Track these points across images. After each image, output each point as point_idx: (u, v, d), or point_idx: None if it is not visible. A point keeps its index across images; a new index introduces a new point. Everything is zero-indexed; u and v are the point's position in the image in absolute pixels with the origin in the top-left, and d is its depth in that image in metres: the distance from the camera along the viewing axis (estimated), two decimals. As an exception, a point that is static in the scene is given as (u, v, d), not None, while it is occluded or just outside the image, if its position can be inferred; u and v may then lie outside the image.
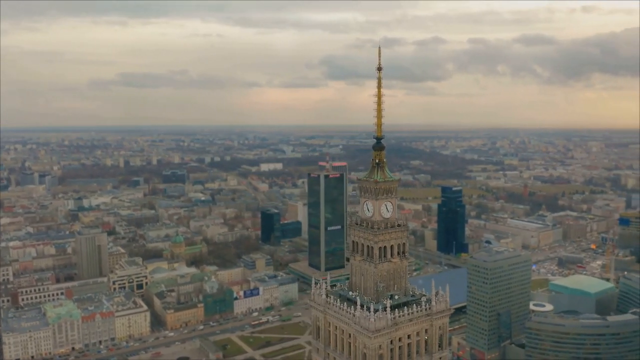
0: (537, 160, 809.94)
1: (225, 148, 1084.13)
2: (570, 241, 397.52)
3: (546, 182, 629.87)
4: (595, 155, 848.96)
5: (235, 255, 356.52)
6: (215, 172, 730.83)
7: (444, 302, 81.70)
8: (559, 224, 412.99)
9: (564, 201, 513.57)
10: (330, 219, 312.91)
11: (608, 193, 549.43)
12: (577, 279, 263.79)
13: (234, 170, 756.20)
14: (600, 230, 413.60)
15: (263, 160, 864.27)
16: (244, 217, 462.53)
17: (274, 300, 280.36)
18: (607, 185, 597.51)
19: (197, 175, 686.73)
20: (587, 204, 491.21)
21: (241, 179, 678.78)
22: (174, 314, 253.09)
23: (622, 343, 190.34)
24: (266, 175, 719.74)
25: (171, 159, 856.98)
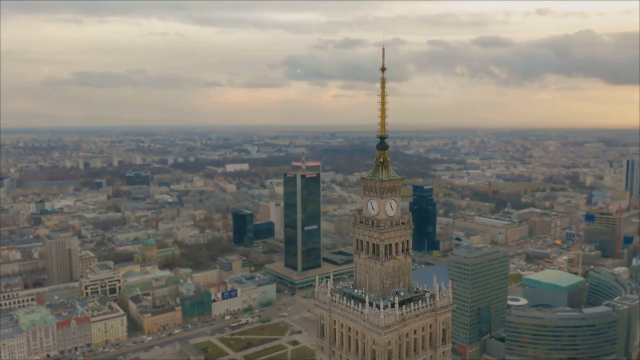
0: (497, 159, 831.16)
1: (188, 149, 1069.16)
2: (536, 237, 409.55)
3: (508, 180, 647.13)
4: (553, 154, 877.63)
5: (208, 257, 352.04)
6: (179, 173, 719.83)
7: (447, 298, 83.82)
8: (525, 220, 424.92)
9: (527, 198, 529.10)
10: (307, 219, 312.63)
11: (568, 190, 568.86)
12: (549, 274, 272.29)
13: (199, 171, 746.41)
14: (564, 226, 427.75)
15: (228, 160, 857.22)
16: (214, 219, 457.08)
17: (252, 302, 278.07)
18: (566, 183, 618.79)
19: (162, 177, 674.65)
20: (550, 201, 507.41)
21: (207, 180, 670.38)
22: (151, 318, 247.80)
23: (597, 334, 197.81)
24: (232, 175, 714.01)
25: (133, 161, 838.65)
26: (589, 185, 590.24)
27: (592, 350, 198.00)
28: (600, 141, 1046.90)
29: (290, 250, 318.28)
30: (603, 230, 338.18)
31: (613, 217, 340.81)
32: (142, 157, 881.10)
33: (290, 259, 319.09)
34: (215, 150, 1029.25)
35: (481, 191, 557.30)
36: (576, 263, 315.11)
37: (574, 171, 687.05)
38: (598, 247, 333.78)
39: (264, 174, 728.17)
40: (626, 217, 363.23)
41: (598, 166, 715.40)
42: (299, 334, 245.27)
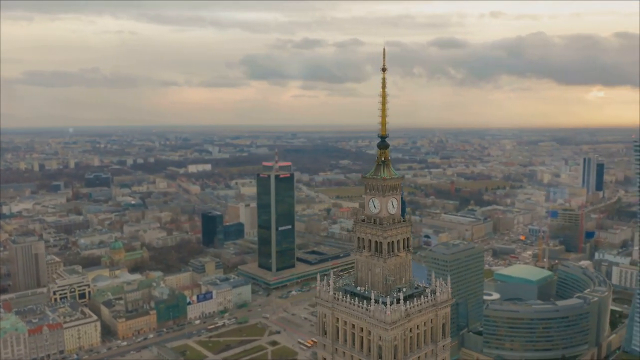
0: (457, 158, 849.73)
1: (147, 149, 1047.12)
2: (500, 233, 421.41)
3: (469, 178, 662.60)
4: (509, 153, 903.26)
5: (178, 259, 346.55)
6: (140, 174, 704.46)
7: (446, 293, 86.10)
8: (489, 217, 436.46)
9: (489, 196, 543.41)
10: (280, 219, 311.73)
11: (527, 187, 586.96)
12: (519, 269, 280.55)
13: (160, 172, 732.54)
14: (526, 222, 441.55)
15: (189, 161, 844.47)
16: (180, 221, 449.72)
17: (228, 303, 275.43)
18: (524, 181, 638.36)
19: (122, 178, 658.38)
20: (510, 198, 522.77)
21: (170, 181, 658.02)
22: (126, 323, 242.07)
23: (570, 326, 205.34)
24: (195, 176, 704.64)
25: (90, 162, 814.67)
26: (546, 182, 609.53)
27: (565, 341, 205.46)
28: (554, 140, 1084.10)
29: (264, 251, 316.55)
30: (566, 225, 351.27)
31: (575, 213, 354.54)
32: (99, 158, 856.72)
33: (264, 260, 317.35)
34: (175, 151, 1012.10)
35: (444, 189, 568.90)
36: (541, 258, 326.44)
37: (531, 169, 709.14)
38: (562, 242, 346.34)
39: (228, 174, 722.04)
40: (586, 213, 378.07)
41: (553, 164, 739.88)
42: (278, 334, 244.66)
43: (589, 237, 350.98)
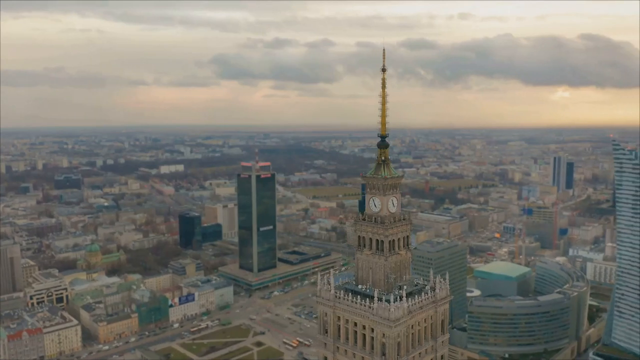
0: (429, 158, 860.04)
1: (116, 150, 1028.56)
2: (475, 231, 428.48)
3: (442, 177, 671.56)
4: (480, 152, 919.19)
5: (156, 262, 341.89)
6: (111, 175, 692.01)
7: (445, 289, 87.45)
8: (464, 215, 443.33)
9: (463, 195, 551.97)
10: (262, 219, 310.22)
11: (498, 186, 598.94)
12: (499, 265, 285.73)
13: (131, 173, 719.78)
14: (500, 220, 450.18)
15: (161, 162, 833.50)
16: (156, 222, 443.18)
17: (210, 305, 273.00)
18: (496, 179, 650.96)
19: (93, 180, 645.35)
20: (484, 197, 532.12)
21: (142, 183, 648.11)
22: (107, 326, 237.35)
23: (551, 320, 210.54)
24: (168, 177, 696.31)
25: (58, 163, 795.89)
26: (517, 181, 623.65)
27: (546, 335, 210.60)
28: (522, 140, 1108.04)
29: (245, 252, 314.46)
30: (541, 223, 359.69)
31: (550, 211, 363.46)
32: (67, 159, 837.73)
33: (245, 261, 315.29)
34: (146, 152, 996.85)
35: (419, 188, 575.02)
36: (518, 254, 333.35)
37: (502, 168, 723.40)
38: (537, 239, 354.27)
39: (202, 175, 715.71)
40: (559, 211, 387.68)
41: (523, 163, 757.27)
42: (263, 335, 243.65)
43: (563, 234, 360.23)
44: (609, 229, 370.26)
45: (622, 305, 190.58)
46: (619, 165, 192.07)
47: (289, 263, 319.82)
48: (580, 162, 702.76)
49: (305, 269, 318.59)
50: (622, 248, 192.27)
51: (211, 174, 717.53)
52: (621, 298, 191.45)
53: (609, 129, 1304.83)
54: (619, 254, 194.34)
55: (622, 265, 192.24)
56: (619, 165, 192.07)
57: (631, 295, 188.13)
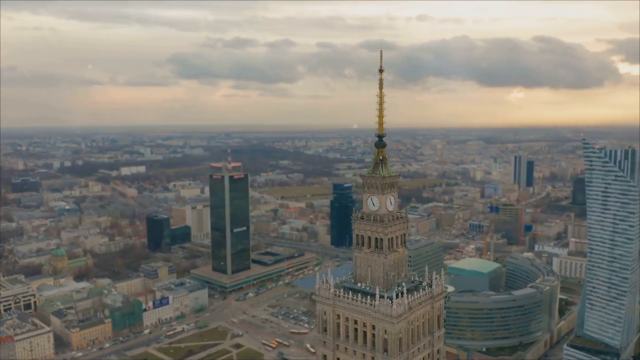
0: (392, 158, 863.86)
1: (73, 151, 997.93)
2: (442, 229, 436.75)
3: (406, 177, 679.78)
4: (441, 152, 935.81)
5: (125, 265, 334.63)
6: (70, 178, 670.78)
7: (441, 285, 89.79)
8: (431, 214, 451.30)
9: (427, 193, 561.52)
10: (235, 221, 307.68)
11: (461, 185, 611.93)
12: (470, 262, 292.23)
13: (91, 175, 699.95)
14: (466, 218, 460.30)
15: (121, 163, 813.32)
16: (121, 225, 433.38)
17: (185, 309, 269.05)
18: (458, 178, 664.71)
19: (51, 182, 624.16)
20: (448, 195, 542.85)
21: (104, 185, 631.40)
22: (80, 332, 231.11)
23: (525, 314, 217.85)
24: (130, 179, 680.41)
25: (14, 166, 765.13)
26: (479, 179, 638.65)
27: (521, 329, 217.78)
28: (480, 139, 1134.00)
29: (218, 254, 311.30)
30: (507, 220, 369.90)
31: (515, 208, 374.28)
32: (23, 161, 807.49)
33: (218, 263, 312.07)
34: (104, 153, 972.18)
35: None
36: (486, 251, 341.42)
37: (463, 167, 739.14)
38: (504, 235, 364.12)
39: (164, 176, 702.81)
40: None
41: (483, 162, 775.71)
42: (241, 337, 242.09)
43: (528, 230, 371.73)
44: (571, 225, 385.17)
45: (593, 297, 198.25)
46: (589, 163, 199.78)
47: (263, 264, 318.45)
48: (538, 160, 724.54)
49: (279, 270, 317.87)
50: (592, 243, 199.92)
51: (174, 175, 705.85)
52: (592, 291, 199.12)
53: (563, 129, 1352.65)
54: (589, 248, 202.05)
55: (592, 259, 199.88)
56: (589, 164, 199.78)
57: (601, 288, 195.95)
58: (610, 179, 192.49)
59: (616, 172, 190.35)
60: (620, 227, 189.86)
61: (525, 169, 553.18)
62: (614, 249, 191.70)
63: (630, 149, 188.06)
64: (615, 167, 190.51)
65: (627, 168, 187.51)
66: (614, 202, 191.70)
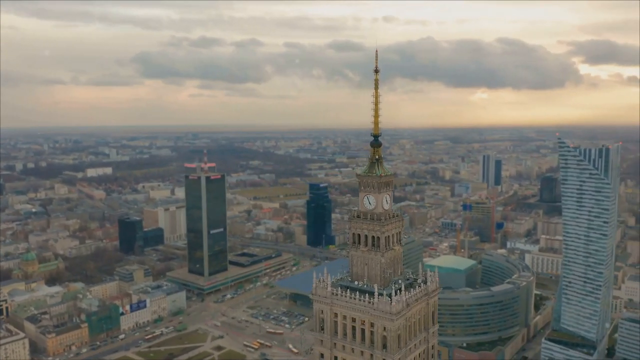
0: (363, 158, 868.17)
1: (35, 153, 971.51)
2: (415, 227, 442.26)
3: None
4: (409, 152, 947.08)
5: (97, 269, 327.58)
6: (34, 180, 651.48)
7: (435, 282, 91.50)
8: (405, 212, 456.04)
9: (399, 192, 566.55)
10: (212, 222, 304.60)
11: (431, 184, 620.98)
12: (447, 259, 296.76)
13: (56, 177, 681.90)
14: (437, 216, 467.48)
15: (86, 165, 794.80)
16: (91, 228, 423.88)
17: (162, 312, 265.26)
18: (428, 177, 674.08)
19: (14, 185, 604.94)
20: (419, 194, 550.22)
21: (70, 187, 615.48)
22: (56, 338, 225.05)
23: (504, 309, 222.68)
24: (96, 181, 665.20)
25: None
26: (448, 178, 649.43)
27: (499, 324, 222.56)
28: (447, 139, 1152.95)
29: (195, 255, 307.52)
30: (479, 217, 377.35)
31: (487, 206, 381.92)
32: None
33: (194, 265, 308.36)
34: (68, 154, 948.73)
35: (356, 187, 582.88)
36: (460, 248, 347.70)
37: (432, 167, 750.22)
38: (476, 233, 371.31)
39: (132, 177, 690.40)
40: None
41: (451, 161, 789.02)
42: (222, 339, 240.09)
43: (499, 227, 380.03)
44: (540, 222, 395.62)
45: (569, 292, 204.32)
46: (564, 161, 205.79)
47: (240, 265, 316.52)
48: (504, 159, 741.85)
49: (257, 271, 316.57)
50: (567, 239, 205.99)
51: (142, 177, 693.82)
52: (568, 286, 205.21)
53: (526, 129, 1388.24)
54: (565, 244, 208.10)
55: (568, 255, 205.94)
56: (564, 162, 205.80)
57: (577, 283, 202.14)
58: (585, 176, 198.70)
59: (591, 170, 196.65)
60: (594, 224, 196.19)
61: (494, 168, 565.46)
62: (588, 244, 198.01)
63: (604, 148, 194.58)
64: (589, 165, 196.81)
65: (601, 166, 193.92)
66: (588, 200, 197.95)
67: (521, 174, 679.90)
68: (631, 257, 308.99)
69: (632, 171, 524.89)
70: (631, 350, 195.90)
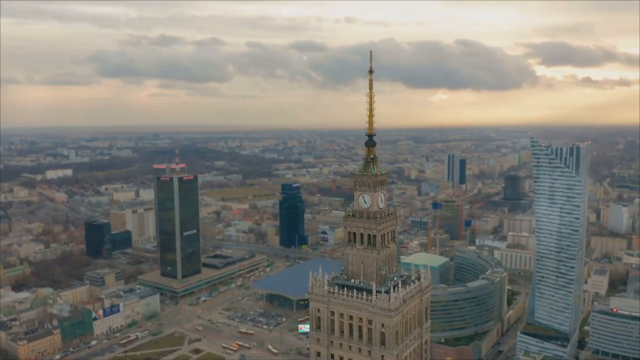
0: (329, 158, 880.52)
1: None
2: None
3: (345, 176, 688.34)
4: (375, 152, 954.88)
5: (64, 273, 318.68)
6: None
7: (428, 279, 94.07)
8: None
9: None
10: (185, 224, 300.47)
11: (397, 183, 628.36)
12: (421, 256, 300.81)
13: (13, 179, 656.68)
14: (406, 215, 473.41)
15: (45, 167, 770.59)
16: (55, 231, 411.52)
17: (136, 316, 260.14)
18: (394, 177, 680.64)
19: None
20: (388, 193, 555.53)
21: (30, 190, 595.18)
22: (27, 345, 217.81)
23: (479, 305, 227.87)
24: (57, 183, 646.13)
25: None
26: (414, 178, 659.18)
27: (475, 319, 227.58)
28: (410, 139, 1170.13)
29: (168, 258, 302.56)
30: (449, 215, 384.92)
31: (456, 204, 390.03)
32: None
33: (167, 267, 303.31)
34: (24, 156, 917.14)
35: (326, 187, 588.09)
36: (431, 246, 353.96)
37: (398, 166, 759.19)
38: (446, 230, 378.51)
39: (94, 179, 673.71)
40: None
41: (416, 161, 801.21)
42: (199, 342, 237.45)
43: (468, 225, 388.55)
44: (506, 219, 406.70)
45: (543, 287, 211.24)
46: (537, 160, 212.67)
47: (214, 267, 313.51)
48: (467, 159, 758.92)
49: (230, 272, 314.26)
50: (540, 235, 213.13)
51: (104, 179, 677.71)
52: (541, 280, 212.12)
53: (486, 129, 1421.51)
54: (538, 240, 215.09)
55: (540, 250, 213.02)
56: (537, 160, 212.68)
57: (550, 278, 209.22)
58: (556, 174, 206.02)
59: (562, 169, 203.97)
60: (566, 220, 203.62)
61: (458, 167, 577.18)
62: (560, 240, 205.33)
63: (575, 147, 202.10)
64: (561, 163, 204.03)
65: (572, 164, 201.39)
66: (560, 196, 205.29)
67: (484, 172, 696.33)
68: (595, 252, 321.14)
69: (591, 169, 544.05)
70: (603, 341, 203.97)
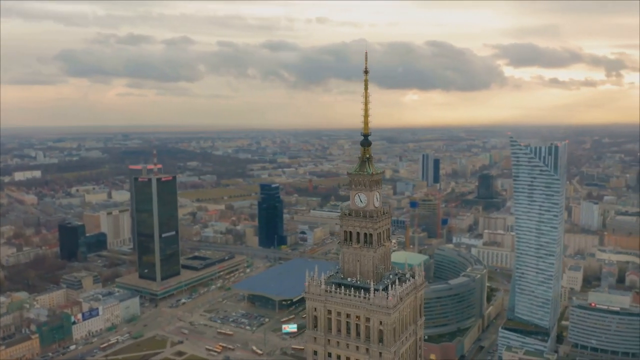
0: (304, 158, 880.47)
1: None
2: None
3: (320, 176, 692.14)
4: (348, 152, 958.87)
5: (39, 277, 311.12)
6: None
7: (422, 276, 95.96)
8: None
9: (344, 192, 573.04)
10: (163, 225, 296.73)
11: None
12: (400, 255, 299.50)
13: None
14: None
15: (12, 168, 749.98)
16: (27, 234, 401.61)
17: (116, 319, 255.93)
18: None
19: None
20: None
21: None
22: (6, 351, 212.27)
23: (460, 301, 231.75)
24: (25, 185, 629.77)
25: None
26: (388, 177, 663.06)
27: (457, 315, 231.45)
28: (383, 139, 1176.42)
29: (146, 260, 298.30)
30: (426, 214, 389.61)
31: (433, 203, 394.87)
32: None
33: (145, 269, 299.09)
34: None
35: (302, 187, 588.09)
36: (409, 244, 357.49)
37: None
38: (424, 229, 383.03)
39: (64, 181, 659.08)
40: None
41: (390, 161, 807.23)
42: (182, 344, 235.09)
43: (444, 223, 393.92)
44: (481, 217, 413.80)
45: (523, 283, 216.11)
46: (516, 159, 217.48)
47: (193, 269, 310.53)
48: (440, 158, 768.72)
49: (210, 274, 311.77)
50: (519, 232, 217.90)
51: (74, 180, 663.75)
52: (521, 277, 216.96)
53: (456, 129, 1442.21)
54: (517, 238, 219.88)
55: (520, 248, 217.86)
56: (516, 159, 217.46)
57: (530, 274, 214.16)
58: (535, 173, 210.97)
59: (541, 167, 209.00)
60: (545, 217, 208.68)
61: (432, 166, 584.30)
62: (540, 237, 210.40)
63: (554, 146, 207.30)
64: (540, 162, 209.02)
65: (551, 163, 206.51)
66: (539, 194, 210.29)
67: (457, 172, 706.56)
68: (569, 249, 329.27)
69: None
70: (582, 335, 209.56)
